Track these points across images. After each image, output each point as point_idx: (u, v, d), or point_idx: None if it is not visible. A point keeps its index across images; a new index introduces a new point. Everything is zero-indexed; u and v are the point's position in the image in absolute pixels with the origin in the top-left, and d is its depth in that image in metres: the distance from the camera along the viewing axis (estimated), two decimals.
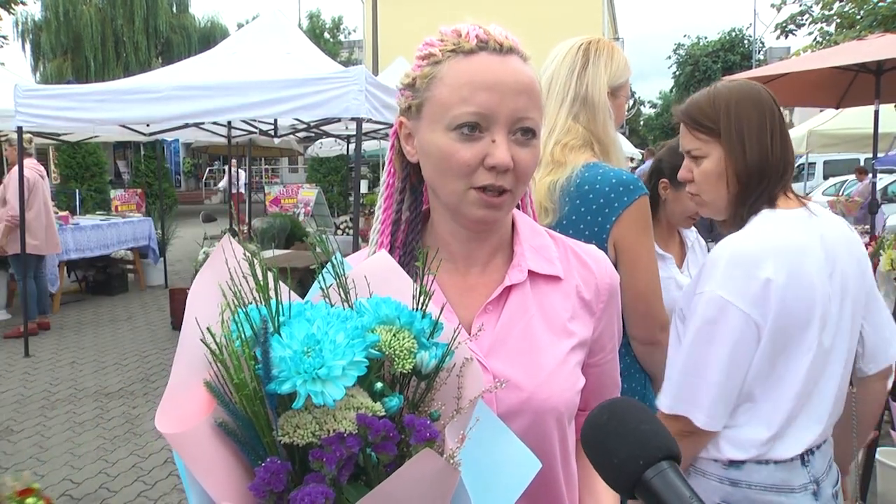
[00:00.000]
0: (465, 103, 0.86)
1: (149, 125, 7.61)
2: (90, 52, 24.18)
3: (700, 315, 1.38)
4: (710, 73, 34.10)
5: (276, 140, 9.76)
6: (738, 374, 1.37)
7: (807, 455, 1.41)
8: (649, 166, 2.35)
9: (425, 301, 0.75)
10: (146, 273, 9.61)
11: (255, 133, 9.30)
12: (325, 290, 0.75)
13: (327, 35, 30.93)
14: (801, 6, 13.13)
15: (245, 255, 0.70)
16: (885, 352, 1.57)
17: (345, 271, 0.76)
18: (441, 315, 0.75)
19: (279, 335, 0.62)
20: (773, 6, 13.55)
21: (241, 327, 0.63)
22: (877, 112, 5.67)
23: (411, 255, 0.97)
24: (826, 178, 16.28)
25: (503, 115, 0.85)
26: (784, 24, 13.41)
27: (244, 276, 0.68)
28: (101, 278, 9.02)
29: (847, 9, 11.52)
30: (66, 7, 24.04)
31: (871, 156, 6.71)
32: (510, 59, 0.88)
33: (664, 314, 1.69)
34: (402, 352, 0.67)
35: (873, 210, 6.39)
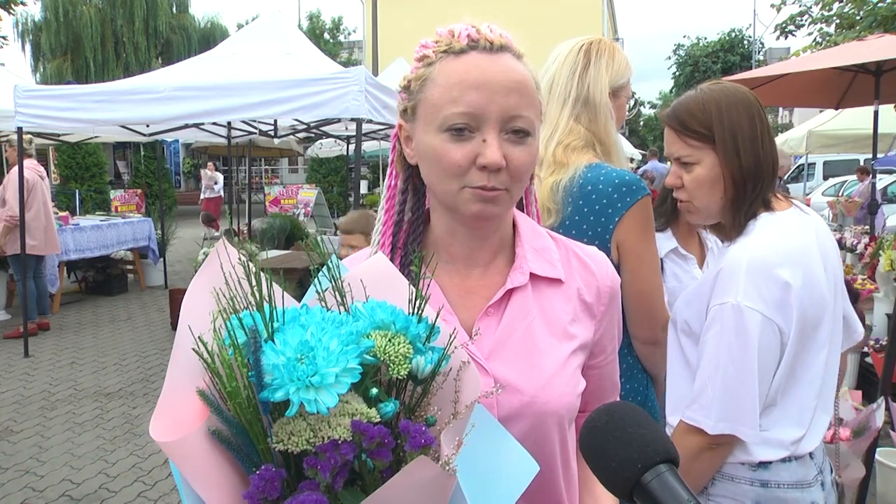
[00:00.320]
0: (454, 104, 0.85)
1: (148, 126, 7.61)
2: (90, 52, 24.18)
3: (727, 327, 1.35)
4: (710, 73, 34.08)
5: (276, 140, 9.76)
6: (767, 381, 1.36)
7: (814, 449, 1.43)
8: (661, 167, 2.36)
9: (422, 305, 0.74)
10: (146, 273, 9.61)
11: (255, 133, 9.30)
12: (320, 294, 0.75)
13: (327, 35, 30.94)
14: (800, 7, 13.13)
15: (240, 259, 0.69)
16: (856, 330, 1.62)
17: (341, 274, 0.75)
18: (441, 317, 0.74)
19: (273, 342, 0.62)
20: (772, 7, 13.53)
21: (234, 334, 0.63)
22: (876, 112, 5.67)
23: (412, 255, 0.96)
24: (826, 178, 16.29)
25: (493, 114, 0.84)
26: (784, 25, 13.41)
27: (239, 280, 0.67)
28: (101, 279, 9.03)
29: (847, 9, 11.53)
30: (66, 7, 24.04)
31: (870, 156, 6.71)
32: (501, 57, 0.87)
33: (666, 313, 1.69)
34: (397, 357, 0.66)
35: (873, 210, 6.40)
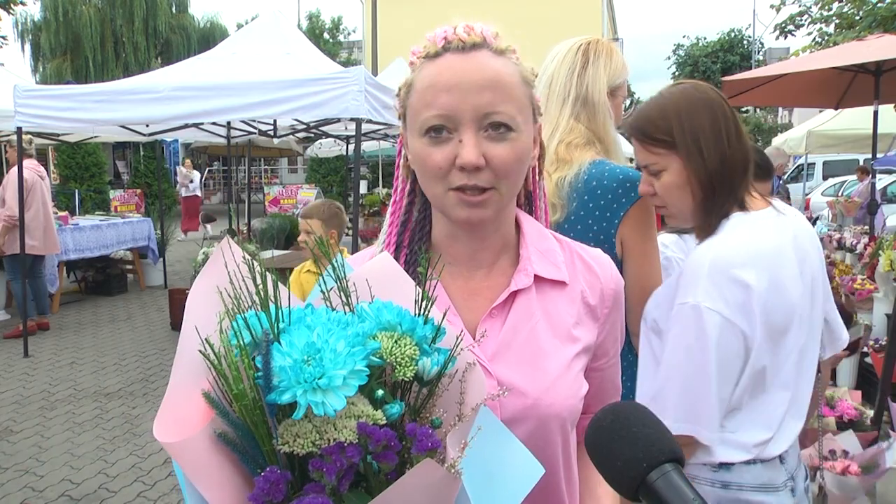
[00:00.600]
0: (428, 107, 0.86)
1: (148, 126, 7.59)
2: (90, 52, 24.15)
3: (686, 328, 1.32)
4: (710, 73, 34.11)
5: (276, 140, 9.75)
6: (730, 384, 1.33)
7: (783, 453, 1.40)
8: None
9: (428, 306, 0.74)
10: (145, 273, 9.60)
11: (255, 133, 9.29)
12: (325, 294, 0.74)
13: (327, 35, 30.91)
14: (800, 7, 13.13)
15: (244, 258, 0.69)
16: (840, 337, 1.59)
17: (346, 273, 0.75)
18: (445, 319, 0.74)
19: (279, 343, 0.61)
20: (772, 7, 13.53)
21: (241, 335, 0.62)
22: (876, 112, 5.67)
23: (417, 254, 0.96)
24: (825, 178, 16.28)
25: (468, 114, 0.84)
26: (783, 25, 13.40)
27: (244, 279, 0.67)
28: (101, 279, 9.02)
29: (846, 9, 11.53)
30: (66, 7, 24.02)
31: (870, 156, 6.71)
32: (475, 55, 0.86)
33: None
34: (403, 359, 0.66)
35: (872, 210, 6.40)
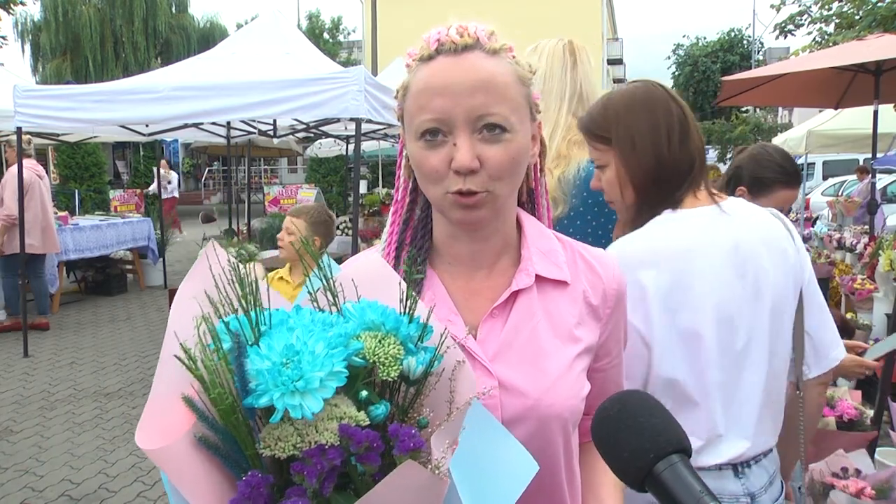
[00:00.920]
0: (422, 111, 0.86)
1: (148, 125, 7.60)
2: (89, 52, 24.16)
3: None
4: (710, 73, 34.08)
5: (276, 140, 9.75)
6: (635, 384, 1.28)
7: (740, 467, 1.34)
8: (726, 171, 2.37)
9: (413, 304, 0.74)
10: (145, 273, 9.60)
11: (254, 133, 9.29)
12: (312, 294, 0.74)
13: (326, 35, 30.92)
14: (800, 6, 13.10)
15: (230, 261, 0.69)
16: (826, 356, 1.49)
17: (332, 274, 0.75)
18: (446, 319, 0.74)
19: (258, 346, 0.61)
20: (772, 6, 13.51)
21: (218, 339, 0.62)
22: (876, 112, 5.66)
23: (420, 251, 0.97)
24: (825, 178, 16.28)
25: (461, 117, 0.84)
26: (783, 25, 13.37)
27: (230, 282, 0.66)
28: (101, 279, 9.02)
29: (846, 9, 11.51)
30: (66, 7, 24.03)
31: (870, 156, 6.70)
32: (467, 57, 0.86)
33: None
34: (387, 359, 0.66)
35: (872, 210, 6.39)
